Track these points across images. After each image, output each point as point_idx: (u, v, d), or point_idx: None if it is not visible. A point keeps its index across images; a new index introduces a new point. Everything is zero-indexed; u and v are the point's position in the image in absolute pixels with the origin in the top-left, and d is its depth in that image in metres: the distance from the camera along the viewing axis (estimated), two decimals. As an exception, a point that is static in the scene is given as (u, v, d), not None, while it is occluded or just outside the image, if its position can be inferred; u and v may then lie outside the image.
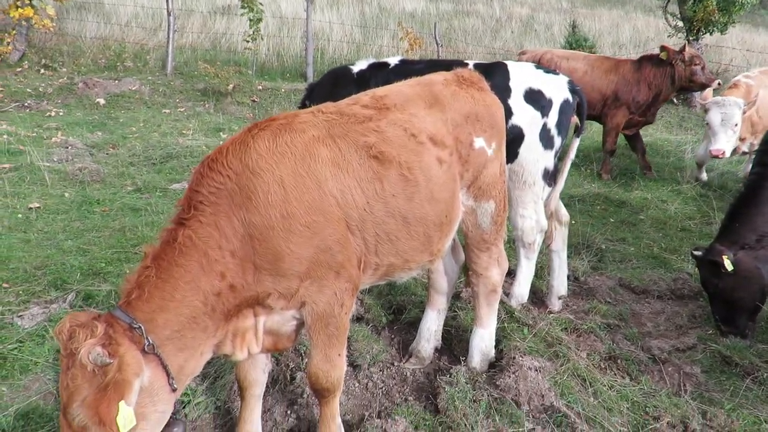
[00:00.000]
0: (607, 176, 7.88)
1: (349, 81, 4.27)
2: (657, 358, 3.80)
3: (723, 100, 6.59)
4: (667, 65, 7.53)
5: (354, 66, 4.42)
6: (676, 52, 7.49)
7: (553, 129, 4.01)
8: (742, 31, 25.16)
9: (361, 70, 4.34)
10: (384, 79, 3.99)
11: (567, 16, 22.51)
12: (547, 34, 19.75)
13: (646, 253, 5.54)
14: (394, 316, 4.24)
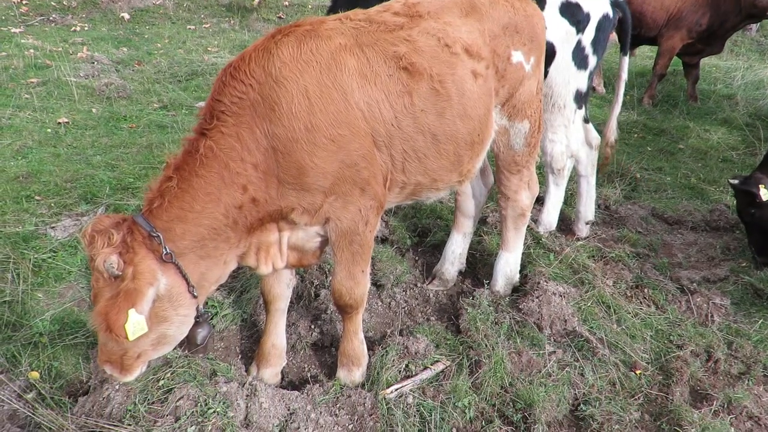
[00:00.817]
0: (649, 102, 7.48)
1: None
2: (686, 288, 3.72)
3: None
4: None
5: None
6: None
7: (588, 47, 3.74)
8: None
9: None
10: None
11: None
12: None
13: (683, 183, 5.33)
14: (419, 238, 4.22)
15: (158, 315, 2.13)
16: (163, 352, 2.35)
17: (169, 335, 2.25)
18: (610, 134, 4.21)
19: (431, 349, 3.00)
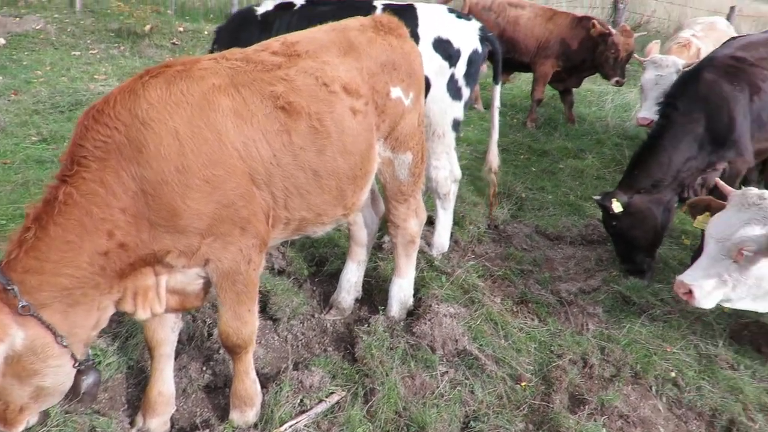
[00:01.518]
0: (532, 125, 8.06)
1: (253, 23, 4.08)
2: (564, 300, 4.03)
3: (662, 59, 5.80)
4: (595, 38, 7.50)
5: (259, 7, 4.21)
6: (603, 33, 7.35)
7: (461, 79, 4.01)
8: (666, -17, 26.00)
9: (266, 11, 4.14)
10: (288, 22, 3.85)
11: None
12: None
13: (563, 201, 5.78)
14: (317, 267, 4.25)
15: (27, 369, 2.08)
16: (50, 403, 2.30)
17: (46, 387, 2.17)
18: (492, 160, 4.50)
19: (327, 381, 3.02)
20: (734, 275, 2.94)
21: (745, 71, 4.31)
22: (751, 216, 2.89)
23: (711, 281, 2.97)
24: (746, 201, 2.96)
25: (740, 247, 2.89)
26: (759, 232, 2.85)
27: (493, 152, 4.50)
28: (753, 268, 2.91)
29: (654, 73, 5.70)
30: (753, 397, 3.31)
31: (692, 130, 4.17)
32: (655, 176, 4.19)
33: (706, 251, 3.07)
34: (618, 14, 12.67)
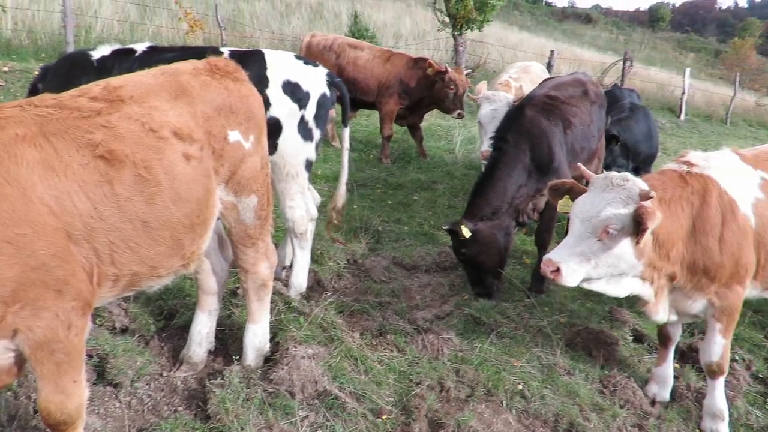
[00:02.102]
0: (386, 161, 8.42)
1: (88, 68, 3.83)
2: (421, 328, 4.18)
3: (493, 95, 6.27)
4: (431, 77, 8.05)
5: (95, 51, 3.96)
6: (439, 71, 7.92)
7: (311, 121, 4.10)
8: (499, 29, 29.01)
9: (103, 56, 3.92)
10: (129, 69, 3.66)
11: (356, 5, 23.40)
12: (336, 22, 20.22)
13: (418, 231, 6.06)
14: (165, 321, 3.97)
15: None
16: None
17: None
18: (338, 200, 4.58)
19: (174, 447, 2.79)
20: (597, 253, 3.05)
21: (558, 108, 4.92)
22: (615, 195, 3.04)
23: (576, 259, 3.06)
24: (610, 182, 3.10)
25: (606, 225, 3.00)
26: (623, 210, 2.99)
27: (340, 192, 4.59)
28: (615, 246, 3.05)
29: (489, 107, 6.11)
30: (587, 398, 3.66)
31: (521, 161, 4.64)
32: (495, 204, 4.58)
33: (571, 231, 3.16)
34: (458, 56, 13.84)
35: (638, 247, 3.06)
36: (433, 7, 14.19)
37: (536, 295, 4.92)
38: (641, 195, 2.99)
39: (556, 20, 61.79)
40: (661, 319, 3.50)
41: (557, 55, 19.46)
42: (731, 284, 3.40)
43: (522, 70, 7.99)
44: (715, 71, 44.47)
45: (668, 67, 34.13)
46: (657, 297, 3.37)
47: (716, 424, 3.58)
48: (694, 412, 3.74)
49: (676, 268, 3.31)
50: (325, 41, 8.40)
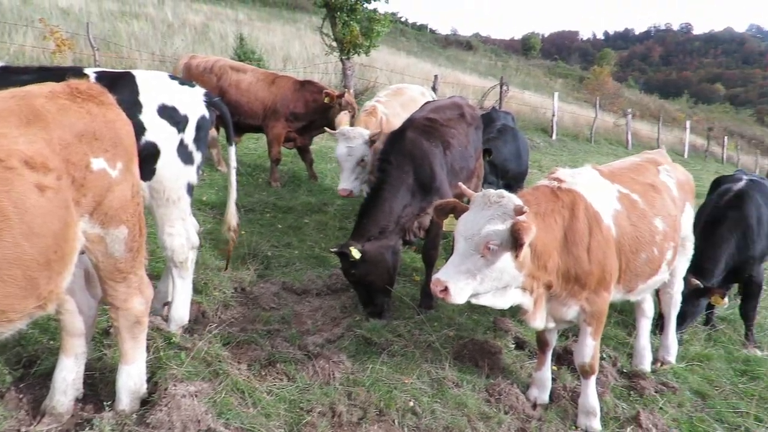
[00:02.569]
0: (276, 184, 8.29)
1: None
2: (312, 353, 4.11)
3: (349, 132, 6.12)
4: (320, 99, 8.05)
5: (-66, 73, 3.53)
6: (337, 96, 7.96)
7: (191, 144, 3.96)
8: (387, 54, 30.01)
9: (-55, 78, 3.49)
10: (-25, 90, 3.29)
11: (244, 27, 23.02)
12: (222, 44, 19.75)
13: (309, 255, 6.01)
14: (25, 370, 3.56)
15: None
16: None
17: None
18: (231, 220, 4.45)
19: None
20: (482, 269, 3.15)
21: (437, 130, 5.15)
22: (493, 212, 3.17)
23: (463, 276, 3.14)
24: (488, 200, 3.24)
25: (486, 241, 3.11)
26: (500, 227, 3.12)
27: (231, 211, 4.47)
28: (497, 261, 3.16)
29: (345, 145, 6.06)
30: (474, 408, 3.80)
31: (405, 181, 4.78)
32: (382, 224, 4.66)
33: (457, 249, 3.22)
34: (347, 79, 14.08)
35: (518, 260, 3.23)
36: (321, 31, 14.34)
37: (426, 311, 5.05)
38: (516, 210, 3.17)
39: (440, 47, 65.23)
40: (539, 326, 3.72)
41: (442, 80, 20.54)
42: (599, 290, 3.70)
43: (394, 92, 7.91)
44: (580, 95, 49.17)
45: (540, 91, 37.25)
46: (536, 306, 3.58)
47: (590, 420, 3.86)
48: (570, 411, 4.01)
49: (553, 278, 3.54)
50: (206, 63, 8.16)
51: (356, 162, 6.04)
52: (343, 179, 6.07)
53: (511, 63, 64.72)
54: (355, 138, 6.05)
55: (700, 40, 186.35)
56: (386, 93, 7.71)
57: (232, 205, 4.55)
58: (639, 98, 60.77)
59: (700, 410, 4.33)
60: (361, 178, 6.16)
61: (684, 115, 49.38)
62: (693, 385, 4.65)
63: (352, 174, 6.05)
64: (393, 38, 53.25)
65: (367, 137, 6.07)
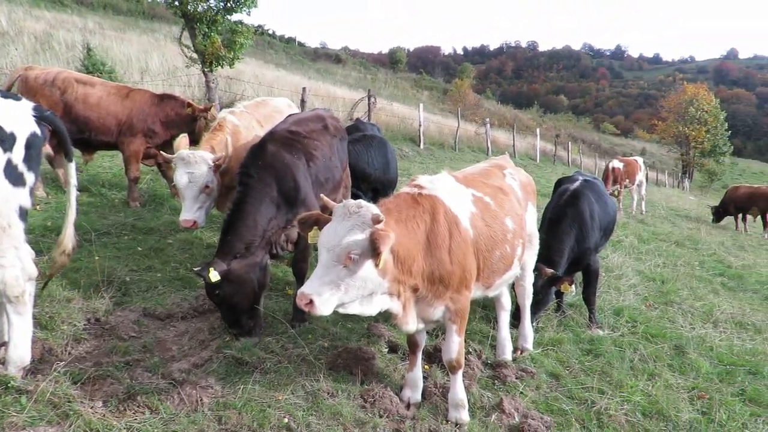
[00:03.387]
0: (135, 204, 7.73)
1: None
2: (177, 381, 3.88)
3: (189, 156, 5.40)
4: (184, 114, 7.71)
5: None
6: (201, 110, 7.64)
7: (21, 165, 3.55)
8: (255, 67, 29.48)
9: None
10: None
11: (94, 36, 21.20)
12: (69, 54, 18.03)
13: (173, 277, 5.67)
14: None
15: None
16: None
17: None
18: (67, 243, 4.03)
19: None
20: (345, 279, 3.18)
21: (300, 142, 5.14)
22: (353, 223, 3.21)
23: (327, 288, 3.15)
24: (348, 211, 3.26)
25: (348, 251, 3.14)
26: (360, 236, 3.17)
27: (68, 233, 4.02)
28: (359, 270, 3.20)
29: (185, 171, 5.38)
30: (350, 416, 3.82)
31: (268, 194, 4.71)
32: (247, 239, 4.53)
33: (320, 261, 3.21)
34: (211, 92, 13.58)
35: (380, 267, 3.28)
36: (179, 42, 13.67)
37: (300, 325, 5.01)
38: (373, 219, 3.25)
39: (310, 59, 65.46)
40: (412, 329, 3.84)
41: (312, 92, 20.61)
42: (461, 289, 3.91)
43: (256, 104, 7.21)
44: (444, 106, 52.11)
45: (408, 102, 38.85)
46: (405, 309, 3.69)
47: (459, 412, 4.07)
48: (442, 407, 4.19)
49: (419, 281, 3.66)
50: (46, 75, 7.36)
51: (199, 189, 5.41)
52: (185, 209, 5.39)
53: (380, 76, 66.76)
54: (196, 163, 5.40)
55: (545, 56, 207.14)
56: (246, 104, 7.11)
57: (71, 226, 4.11)
58: (497, 108, 65.92)
59: (555, 390, 4.76)
60: (206, 206, 5.58)
61: (535, 124, 54.44)
62: (548, 368, 5.10)
63: (196, 203, 5.42)
64: (261, 51, 52.44)
65: (211, 162, 5.47)
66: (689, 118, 52.09)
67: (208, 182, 5.43)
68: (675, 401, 4.80)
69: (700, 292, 8.61)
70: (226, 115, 6.39)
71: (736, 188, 18.78)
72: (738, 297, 9.03)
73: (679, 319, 7.02)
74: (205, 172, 5.39)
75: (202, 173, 5.38)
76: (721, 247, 13.20)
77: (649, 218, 16.32)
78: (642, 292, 7.86)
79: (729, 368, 5.72)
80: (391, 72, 78.37)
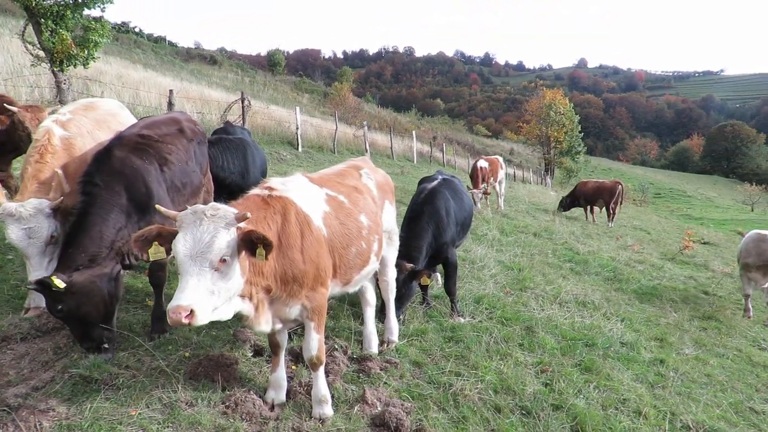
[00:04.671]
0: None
1: None
2: (12, 407, 3.56)
3: (19, 210, 4.52)
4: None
5: None
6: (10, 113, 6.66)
7: None
8: (120, 67, 27.50)
9: None
10: None
11: None
12: None
13: (11, 295, 5.17)
14: None
15: None
16: None
17: None
18: None
19: None
20: (218, 284, 3.15)
21: (151, 146, 4.93)
22: (216, 225, 3.15)
23: (205, 296, 3.09)
24: (202, 215, 3.18)
25: (220, 255, 3.11)
26: (228, 237, 3.16)
27: None
28: (230, 272, 3.20)
29: (19, 228, 4.49)
30: (209, 423, 3.76)
31: (117, 202, 4.45)
32: (91, 251, 4.23)
33: (187, 271, 3.10)
34: (62, 94, 12.48)
35: (242, 267, 3.30)
36: (22, 38, 12.39)
37: (159, 336, 4.81)
38: (238, 218, 3.24)
39: (182, 60, 62.22)
40: (266, 330, 3.86)
41: (182, 95, 19.70)
42: (316, 287, 4.00)
43: (84, 107, 6.06)
44: (325, 109, 52.20)
45: (288, 106, 38.40)
46: (258, 310, 3.70)
47: (322, 408, 4.17)
48: (306, 405, 4.25)
49: (271, 281, 3.69)
50: None
51: (44, 243, 4.55)
52: (34, 268, 4.50)
53: (259, 78, 65.27)
54: (31, 217, 4.51)
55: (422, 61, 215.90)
56: (73, 109, 5.90)
57: None
58: (377, 112, 67.35)
59: (417, 377, 5.04)
60: (57, 254, 4.53)
61: (413, 126, 56.46)
62: (412, 357, 5.39)
63: (44, 258, 4.56)
64: (127, 50, 48.92)
65: (49, 210, 4.60)
66: (549, 120, 57.18)
67: (52, 232, 4.61)
68: (522, 376, 5.31)
69: (551, 277, 9.55)
70: (51, 127, 5.24)
71: (584, 183, 20.97)
72: (583, 280, 10.15)
73: (532, 302, 7.74)
74: (45, 225, 4.56)
75: (41, 227, 4.54)
76: (572, 236, 14.69)
77: (513, 212, 17.69)
78: (501, 281, 8.54)
79: (570, 343, 6.43)
80: (270, 75, 76.99)
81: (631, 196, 54.64)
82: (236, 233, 3.24)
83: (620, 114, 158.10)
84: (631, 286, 10.44)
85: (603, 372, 5.79)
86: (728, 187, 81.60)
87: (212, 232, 3.17)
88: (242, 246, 3.29)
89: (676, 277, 12.21)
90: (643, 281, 11.01)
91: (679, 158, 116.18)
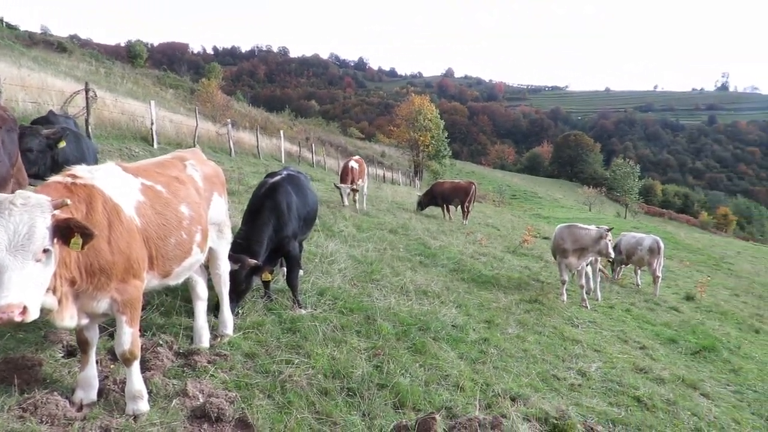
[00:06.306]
0: None
1: None
2: None
3: None
4: None
5: None
6: None
7: None
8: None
9: None
10: None
11: None
12: None
13: None
14: None
15: None
16: None
17: None
18: None
19: None
20: (41, 275, 3.07)
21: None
22: (30, 215, 3.02)
23: (33, 289, 3.00)
24: (11, 204, 3.02)
25: (42, 245, 3.01)
26: (46, 226, 3.06)
27: None
28: (51, 260, 3.11)
29: None
30: (2, 429, 3.48)
31: None
32: None
33: (8, 267, 2.93)
34: None
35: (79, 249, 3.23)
36: None
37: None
38: (55, 205, 3.12)
39: (23, 46, 55.56)
40: (70, 325, 3.63)
41: (16, 83, 17.64)
42: (128, 279, 3.84)
43: None
44: (192, 106, 49.64)
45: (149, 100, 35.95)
46: (62, 304, 3.46)
47: (137, 403, 4.01)
48: (120, 402, 4.08)
49: (75, 273, 3.49)
50: None
51: None
52: None
53: (116, 70, 60.32)
54: None
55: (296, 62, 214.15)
56: None
57: None
58: (248, 111, 65.59)
59: (248, 368, 5.06)
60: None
61: (286, 127, 55.85)
62: (245, 349, 5.38)
63: None
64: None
65: None
66: (418, 125, 59.76)
67: None
68: (354, 361, 5.55)
69: (399, 269, 10.04)
70: None
71: (441, 183, 22.30)
72: (430, 271, 10.81)
73: (375, 293, 8.08)
74: None
75: None
76: (426, 232, 15.55)
77: (374, 211, 18.27)
78: (350, 274, 8.80)
79: (406, 328, 6.83)
80: (130, 66, 71.53)
81: (491, 197, 59.09)
82: (52, 221, 3.11)
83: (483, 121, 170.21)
84: (472, 275, 11.33)
85: (431, 352, 6.24)
86: (572, 190, 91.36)
87: (28, 222, 3.02)
88: (57, 234, 3.16)
89: (514, 267, 13.46)
90: (483, 271, 11.99)
91: (532, 163, 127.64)
